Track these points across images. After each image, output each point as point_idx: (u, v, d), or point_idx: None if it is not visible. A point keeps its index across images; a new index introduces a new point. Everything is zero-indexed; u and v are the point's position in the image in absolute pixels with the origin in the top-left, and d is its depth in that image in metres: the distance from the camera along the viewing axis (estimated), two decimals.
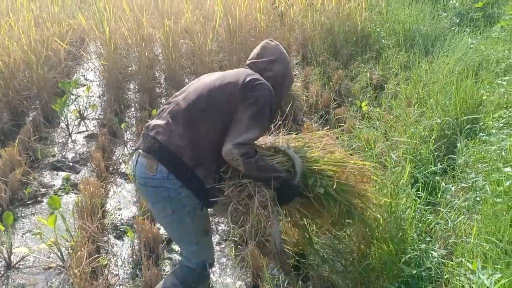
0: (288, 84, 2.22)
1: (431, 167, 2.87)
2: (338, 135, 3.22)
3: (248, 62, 2.21)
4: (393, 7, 5.68)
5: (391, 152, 2.92)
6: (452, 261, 2.12)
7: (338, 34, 5.36)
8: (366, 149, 3.06)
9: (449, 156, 3.01)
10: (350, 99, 4.59)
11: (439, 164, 2.93)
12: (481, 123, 3.09)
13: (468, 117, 3.19)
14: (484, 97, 3.31)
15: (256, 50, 2.21)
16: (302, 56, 5.39)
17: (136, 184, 2.02)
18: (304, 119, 4.33)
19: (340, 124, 3.94)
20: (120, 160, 3.81)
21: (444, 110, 3.36)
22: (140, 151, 1.94)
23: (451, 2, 5.67)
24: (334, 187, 2.05)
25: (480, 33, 4.88)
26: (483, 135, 2.92)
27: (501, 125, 2.88)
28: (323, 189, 2.07)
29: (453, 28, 5.24)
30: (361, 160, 2.31)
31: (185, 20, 4.92)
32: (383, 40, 5.14)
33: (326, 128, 4.06)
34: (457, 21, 5.39)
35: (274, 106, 2.03)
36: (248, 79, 1.97)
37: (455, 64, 3.98)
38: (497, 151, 2.56)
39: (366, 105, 4.19)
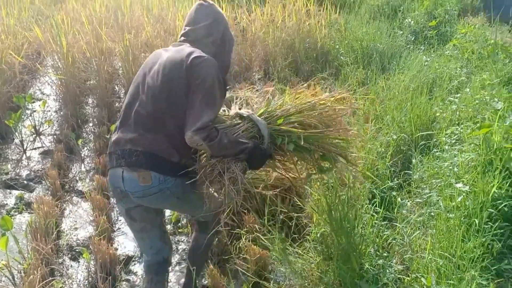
0: (230, 46, 2.23)
1: (388, 183, 2.95)
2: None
3: (185, 29, 2.17)
4: (351, 24, 5.83)
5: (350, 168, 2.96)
6: (408, 276, 2.17)
7: (299, 51, 5.44)
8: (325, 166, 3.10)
9: (405, 171, 3.09)
10: None
11: (395, 179, 3.01)
12: (435, 139, 3.19)
13: (422, 133, 3.29)
14: (437, 114, 3.43)
15: (191, 15, 2.17)
16: (264, 71, 5.44)
17: (130, 199, 2.02)
18: None
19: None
20: (77, 178, 3.70)
21: (400, 126, 3.45)
22: (124, 167, 1.96)
23: (406, 20, 5.87)
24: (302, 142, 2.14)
25: (434, 51, 5.06)
26: (437, 151, 3.02)
27: (453, 141, 2.98)
28: (293, 145, 2.16)
29: (408, 46, 5.42)
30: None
31: (146, 34, 4.87)
32: (341, 57, 5.25)
33: None
34: (412, 39, 5.58)
35: (221, 77, 2.05)
36: (189, 60, 1.97)
37: (410, 81, 4.11)
38: (450, 167, 2.64)
39: None
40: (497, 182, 2.25)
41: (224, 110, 2.33)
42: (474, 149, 2.64)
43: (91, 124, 4.59)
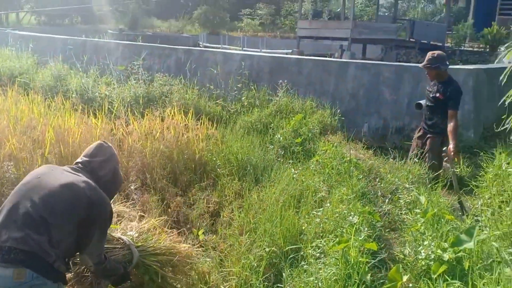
0: (118, 182, 2.73)
1: None
2: None
3: (83, 159, 2.56)
4: (227, 138, 6.22)
5: (223, 285, 2.99)
6: None
7: (177, 162, 5.59)
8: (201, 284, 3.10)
9: (277, 285, 3.21)
10: (188, 226, 4.68)
11: None
12: (302, 252, 3.41)
13: (291, 246, 3.50)
14: (303, 227, 3.70)
15: (91, 149, 2.60)
16: (141, 182, 5.41)
17: None
18: None
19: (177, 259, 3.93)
20: None
21: (272, 239, 3.64)
22: None
23: (276, 136, 6.45)
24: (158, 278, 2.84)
25: (300, 165, 5.57)
26: (304, 264, 3.22)
27: (317, 254, 3.22)
28: (148, 277, 2.84)
29: (279, 159, 5.90)
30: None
31: (10, 146, 4.62)
32: (218, 169, 5.49)
33: None
34: (282, 153, 6.10)
35: (111, 209, 2.49)
36: (90, 194, 2.33)
37: (280, 194, 4.43)
38: (315, 281, 2.82)
39: (202, 233, 4.31)
40: None
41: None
42: (335, 263, 2.87)
43: None
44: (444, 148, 5.24)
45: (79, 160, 2.58)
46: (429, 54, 5.41)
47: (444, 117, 5.29)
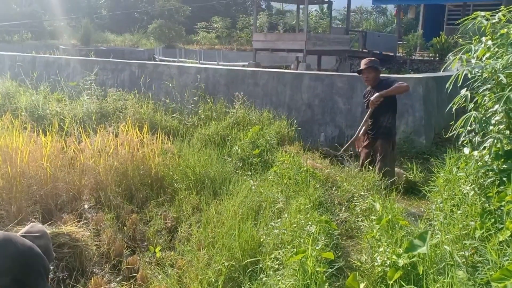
0: (51, 257, 2.95)
1: None
2: None
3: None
4: (184, 152, 6.12)
5: None
6: None
7: (133, 178, 5.43)
8: None
9: None
10: (145, 243, 4.54)
11: None
12: (261, 264, 3.37)
13: (250, 259, 3.45)
14: (262, 239, 3.67)
15: (25, 228, 2.93)
16: (95, 200, 5.22)
17: None
18: (95, 270, 4.06)
19: (132, 275, 3.81)
20: None
21: (230, 253, 3.58)
22: None
23: (234, 148, 6.42)
24: None
25: (259, 176, 5.56)
26: (263, 277, 3.18)
27: (276, 266, 3.19)
28: None
29: (237, 171, 5.85)
30: None
31: None
32: (175, 184, 5.39)
33: (118, 279, 3.89)
34: (240, 165, 6.07)
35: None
36: (27, 251, 2.56)
37: (238, 206, 4.38)
38: None
39: (160, 250, 4.19)
40: None
41: None
42: (293, 274, 2.85)
43: None
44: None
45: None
46: (365, 59, 5.64)
47: (388, 116, 5.41)
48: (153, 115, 8.03)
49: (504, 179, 3.18)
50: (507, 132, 3.33)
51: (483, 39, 3.48)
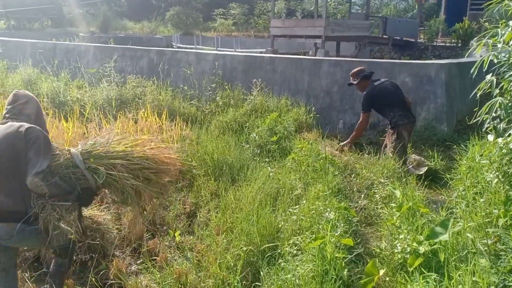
0: (43, 119, 3.10)
1: None
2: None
3: (7, 108, 2.91)
4: (202, 139, 6.14)
5: (200, 285, 2.94)
6: None
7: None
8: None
9: (255, 283, 3.17)
10: (164, 227, 4.59)
11: None
12: (279, 250, 3.37)
13: (268, 245, 3.46)
14: (280, 225, 3.67)
15: (10, 98, 2.96)
16: None
17: None
18: (116, 252, 4.12)
19: (153, 258, 3.86)
20: None
21: (249, 238, 3.59)
22: None
23: (252, 135, 6.41)
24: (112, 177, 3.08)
25: (276, 163, 5.55)
26: (282, 262, 3.18)
27: (295, 251, 3.19)
28: (103, 178, 3.02)
29: (255, 158, 5.86)
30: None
31: None
32: (194, 170, 5.42)
33: (138, 261, 3.95)
34: (258, 152, 6.07)
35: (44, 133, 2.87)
36: (22, 130, 2.73)
37: (256, 192, 4.38)
38: (293, 279, 2.79)
39: (179, 234, 4.23)
40: None
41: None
42: (312, 259, 2.85)
43: None
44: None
45: (5, 111, 2.92)
46: (351, 73, 6.09)
47: (384, 113, 5.72)
48: (171, 102, 8.06)
49: None
50: None
51: (510, 23, 3.37)
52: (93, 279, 3.44)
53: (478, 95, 3.62)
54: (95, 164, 3.00)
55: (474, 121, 3.74)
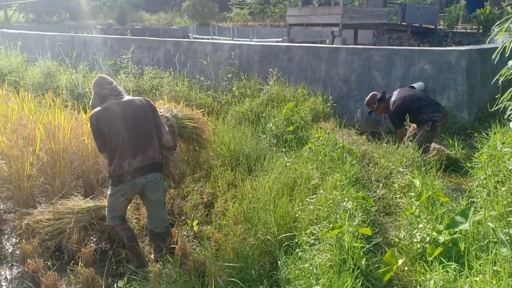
0: None
1: (258, 285, 2.98)
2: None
3: (112, 85, 3.63)
4: (218, 129, 6.15)
5: (218, 277, 2.96)
6: None
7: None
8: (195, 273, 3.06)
9: (273, 272, 3.17)
10: (183, 217, 4.63)
11: (265, 281, 3.06)
12: (297, 239, 3.37)
13: (285, 234, 3.45)
14: (297, 215, 3.66)
15: (106, 80, 3.64)
16: None
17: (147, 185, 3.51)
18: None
19: (172, 246, 3.90)
20: None
21: (266, 228, 3.60)
22: (145, 175, 3.45)
23: (268, 125, 6.39)
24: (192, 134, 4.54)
25: (293, 153, 5.53)
26: (299, 251, 3.18)
27: (312, 241, 3.18)
28: (187, 134, 4.50)
29: (272, 148, 5.84)
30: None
31: (0, 144, 4.56)
32: (211, 160, 5.43)
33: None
34: (275, 142, 6.05)
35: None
36: (144, 101, 3.63)
37: (273, 182, 4.38)
38: (310, 268, 2.79)
39: (197, 224, 4.26)
40: (351, 283, 2.42)
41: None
42: (330, 249, 2.84)
43: None
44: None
45: (110, 86, 3.59)
46: (366, 101, 6.12)
47: (416, 121, 5.58)
48: (188, 92, 8.09)
49: None
50: None
51: None
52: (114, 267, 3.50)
53: (500, 81, 3.53)
54: (183, 122, 4.43)
55: (495, 108, 3.66)
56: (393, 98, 5.71)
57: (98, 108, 3.48)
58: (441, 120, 5.47)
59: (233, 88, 8.39)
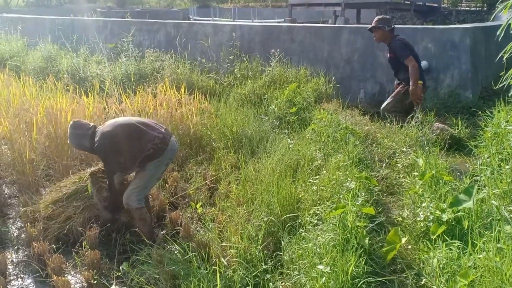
0: None
1: (262, 266, 3.00)
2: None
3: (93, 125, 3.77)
4: (221, 112, 6.13)
5: (222, 257, 2.97)
6: None
7: None
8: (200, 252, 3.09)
9: (277, 253, 3.19)
10: (186, 200, 4.65)
11: (269, 261, 3.08)
12: (300, 220, 3.38)
13: (289, 215, 3.46)
14: (300, 196, 3.66)
15: (87, 123, 3.75)
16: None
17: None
18: None
19: (176, 228, 3.92)
20: None
21: (269, 209, 3.61)
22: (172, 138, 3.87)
23: (270, 107, 6.36)
24: None
25: (296, 135, 5.51)
26: (303, 231, 3.19)
27: (315, 221, 3.19)
28: None
29: (274, 130, 5.82)
30: None
31: (3, 129, 4.56)
32: (214, 143, 5.43)
33: (162, 232, 4.02)
34: (277, 123, 6.03)
35: None
36: None
37: (276, 164, 4.37)
38: (314, 247, 2.80)
39: (200, 206, 4.28)
40: (354, 261, 2.43)
41: None
42: (333, 228, 2.84)
43: None
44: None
45: (93, 125, 3.74)
46: (376, 18, 5.83)
47: (405, 71, 5.52)
48: (189, 75, 8.04)
49: None
50: None
51: None
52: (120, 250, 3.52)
53: (504, 58, 3.48)
54: None
55: (499, 86, 3.61)
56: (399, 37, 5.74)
57: (102, 132, 3.63)
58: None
59: (235, 70, 8.33)
